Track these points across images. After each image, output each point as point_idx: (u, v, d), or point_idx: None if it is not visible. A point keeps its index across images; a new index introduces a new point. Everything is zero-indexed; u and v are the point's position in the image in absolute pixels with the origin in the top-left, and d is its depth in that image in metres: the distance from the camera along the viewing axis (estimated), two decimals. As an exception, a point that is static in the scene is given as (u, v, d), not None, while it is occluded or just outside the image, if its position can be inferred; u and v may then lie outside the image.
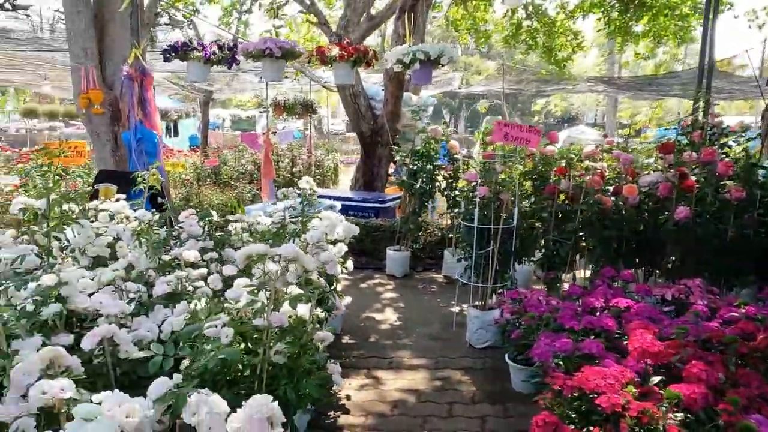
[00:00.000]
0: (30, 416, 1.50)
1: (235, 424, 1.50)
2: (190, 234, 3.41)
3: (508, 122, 3.80)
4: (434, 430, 3.01)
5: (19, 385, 1.51)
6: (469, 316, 4.09)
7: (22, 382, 1.52)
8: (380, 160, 7.85)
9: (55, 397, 1.50)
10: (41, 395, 1.48)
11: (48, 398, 1.49)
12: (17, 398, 1.54)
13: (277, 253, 1.94)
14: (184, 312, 2.19)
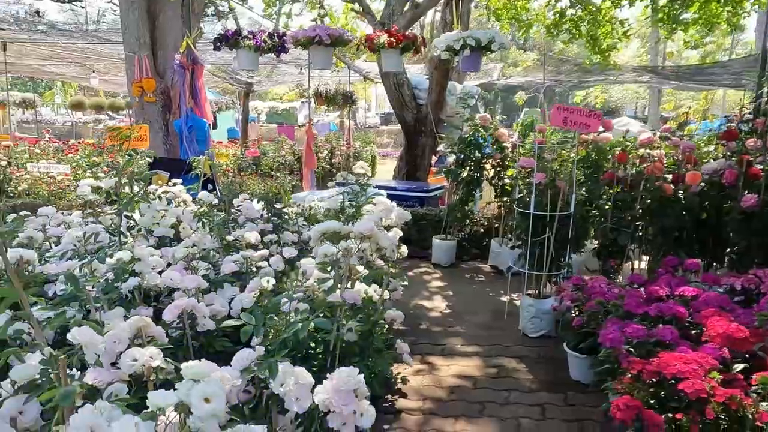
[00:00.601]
0: (122, 382, 1.53)
1: (322, 396, 1.50)
2: (248, 217, 3.45)
3: (567, 106, 3.71)
4: (493, 416, 2.98)
5: (111, 352, 1.54)
6: (523, 304, 4.02)
7: (113, 349, 1.55)
8: (423, 150, 7.80)
9: (144, 364, 1.53)
10: (132, 362, 1.51)
11: (138, 365, 1.51)
12: (108, 365, 1.57)
13: (354, 230, 1.93)
14: (256, 288, 2.21)
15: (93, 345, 1.20)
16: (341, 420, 1.48)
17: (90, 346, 1.16)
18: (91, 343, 1.16)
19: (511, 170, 5.49)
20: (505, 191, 5.56)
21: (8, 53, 9.96)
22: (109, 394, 1.48)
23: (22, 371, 1.30)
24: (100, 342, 1.24)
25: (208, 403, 1.09)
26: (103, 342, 1.26)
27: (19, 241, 2.64)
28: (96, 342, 1.22)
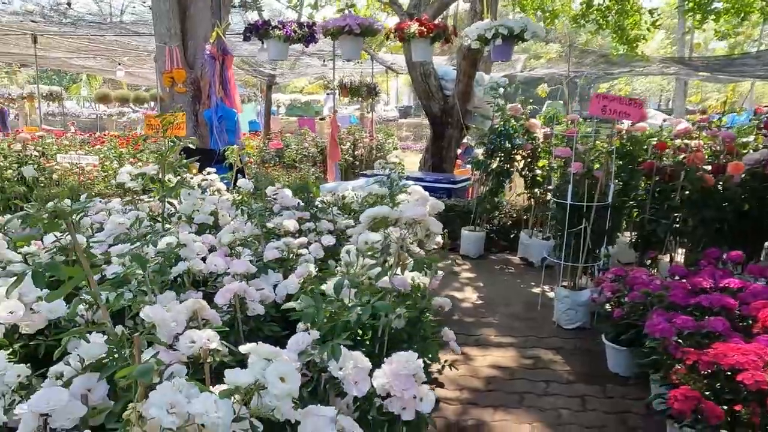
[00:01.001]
0: (180, 364, 1.54)
1: (381, 380, 1.49)
2: (284, 205, 3.45)
3: (606, 94, 3.64)
4: (532, 407, 2.95)
5: (169, 334, 1.54)
6: (558, 296, 3.98)
7: (171, 331, 1.55)
8: (449, 141, 7.74)
9: (202, 346, 1.53)
10: (190, 344, 1.51)
11: (196, 347, 1.51)
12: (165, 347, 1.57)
13: (406, 215, 1.91)
14: (303, 274, 2.21)
15: (165, 324, 1.20)
16: (401, 404, 1.47)
17: (163, 326, 1.16)
18: (164, 323, 1.16)
19: (543, 161, 5.43)
20: (536, 182, 5.50)
21: (38, 46, 10.12)
22: (169, 374, 1.48)
23: (90, 349, 1.31)
24: (171, 321, 1.24)
25: (284, 383, 1.08)
26: (173, 322, 1.27)
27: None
28: (168, 321, 1.23)
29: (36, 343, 1.85)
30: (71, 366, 1.35)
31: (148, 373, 1.03)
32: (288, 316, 2.24)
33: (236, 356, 1.77)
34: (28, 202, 4.60)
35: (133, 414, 1.03)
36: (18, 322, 1.85)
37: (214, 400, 1.00)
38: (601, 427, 2.76)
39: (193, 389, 1.06)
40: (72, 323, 1.98)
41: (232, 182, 4.69)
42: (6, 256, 2.39)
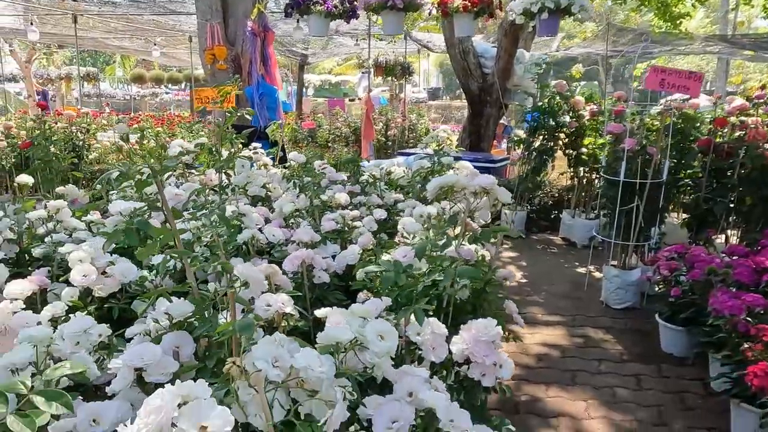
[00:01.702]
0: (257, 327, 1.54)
1: (460, 346, 1.47)
2: (331, 180, 3.44)
3: (664, 67, 3.51)
4: (586, 384, 2.91)
5: (259, 291, 1.53)
6: (607, 275, 3.90)
7: (246, 295, 1.55)
8: (488, 120, 7.61)
9: (278, 310, 1.53)
10: (266, 308, 1.51)
11: (272, 311, 1.51)
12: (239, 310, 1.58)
13: (475, 184, 1.88)
14: (366, 244, 2.20)
15: (258, 282, 1.19)
16: (481, 370, 1.45)
17: (255, 283, 1.15)
18: (257, 280, 1.16)
19: (589, 139, 5.31)
20: (581, 161, 5.39)
21: (77, 26, 10.25)
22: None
23: (179, 308, 1.32)
24: (262, 278, 1.24)
25: (383, 341, 1.07)
26: (264, 280, 1.26)
27: (123, 194, 2.71)
28: (260, 279, 1.22)
29: (109, 305, 1.88)
30: (159, 324, 1.36)
31: (249, 327, 1.02)
32: (348, 286, 2.25)
33: (307, 321, 1.78)
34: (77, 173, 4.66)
35: (234, 368, 1.03)
36: (91, 285, 1.89)
37: (316, 356, 0.99)
38: (659, 406, 2.70)
39: (293, 344, 1.05)
40: (141, 288, 2.01)
41: (277, 158, 4.71)
42: (71, 224, 2.44)
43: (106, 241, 1.22)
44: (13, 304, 1.56)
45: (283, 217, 2.56)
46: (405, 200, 3.30)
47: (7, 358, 1.18)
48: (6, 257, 2.32)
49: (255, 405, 1.00)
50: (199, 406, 0.82)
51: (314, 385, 1.00)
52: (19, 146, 5.60)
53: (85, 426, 1.09)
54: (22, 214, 2.57)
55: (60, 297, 1.92)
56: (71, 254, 1.96)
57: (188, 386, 0.85)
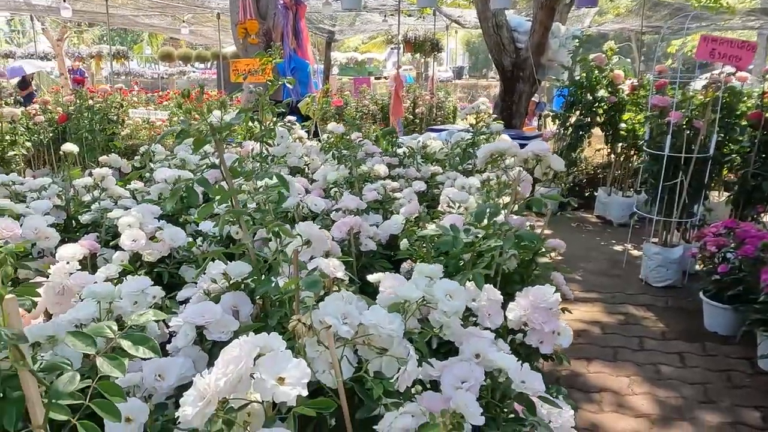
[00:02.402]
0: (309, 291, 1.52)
1: (517, 312, 1.44)
2: (368, 152, 3.40)
3: (715, 36, 3.37)
4: (628, 361, 2.86)
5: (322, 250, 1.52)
6: (647, 252, 3.81)
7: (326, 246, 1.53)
8: (520, 97, 7.47)
9: (330, 275, 1.52)
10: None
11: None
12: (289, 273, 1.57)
13: (528, 150, 1.83)
14: (413, 212, 2.17)
15: (321, 240, 1.17)
16: (539, 337, 1.41)
17: (318, 241, 1.14)
18: (320, 239, 1.14)
19: (628, 114, 5.16)
20: (619, 137, 5.25)
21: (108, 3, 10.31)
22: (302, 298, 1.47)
23: (238, 268, 1.31)
24: (324, 237, 1.22)
25: (452, 300, 1.04)
26: (328, 238, 1.24)
27: (174, 162, 2.72)
28: (321, 237, 1.20)
29: (158, 270, 1.89)
30: (217, 284, 1.36)
31: (316, 284, 1.01)
32: (391, 256, 2.22)
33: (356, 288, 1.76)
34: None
35: (300, 326, 1.02)
36: (141, 250, 1.90)
37: (385, 313, 0.97)
38: (705, 383, 2.64)
39: (361, 302, 1.03)
40: (189, 254, 2.02)
41: (311, 132, 4.69)
42: (116, 191, 2.46)
43: (169, 197, 1.21)
44: (70, 264, 1.58)
45: (326, 186, 2.54)
46: (443, 173, 3.26)
47: (72, 314, 1.19)
48: (54, 223, 2.35)
49: (322, 362, 0.99)
50: (275, 357, 0.81)
51: (384, 343, 0.98)
52: (56, 120, 5.68)
53: (151, 380, 1.10)
54: (67, 182, 2.60)
55: (109, 262, 1.94)
56: (120, 219, 1.98)
57: (264, 338, 0.84)
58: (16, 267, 1.89)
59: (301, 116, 4.98)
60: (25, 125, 5.20)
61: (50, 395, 0.70)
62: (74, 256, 1.89)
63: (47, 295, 1.51)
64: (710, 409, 2.44)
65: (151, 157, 3.20)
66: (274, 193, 1.73)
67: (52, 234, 1.97)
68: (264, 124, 2.67)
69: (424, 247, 2.07)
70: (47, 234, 1.96)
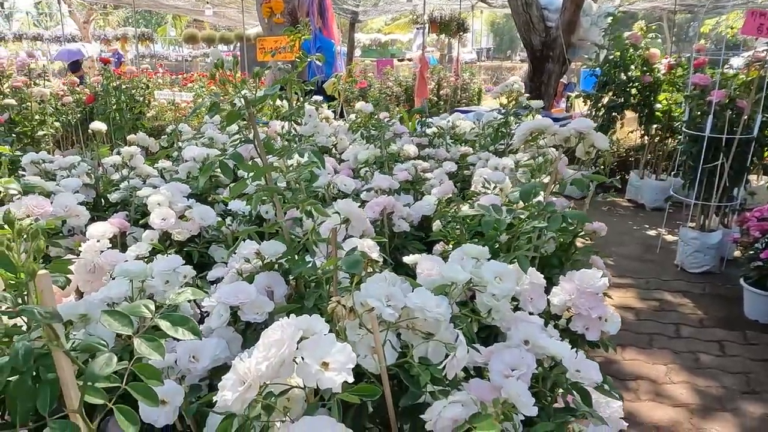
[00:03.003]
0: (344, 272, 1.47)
1: (562, 297, 1.38)
2: (396, 132, 3.33)
3: (764, 11, 3.19)
4: (665, 348, 2.77)
5: (361, 229, 1.46)
6: (684, 237, 3.68)
7: (365, 226, 1.48)
8: (549, 77, 7.27)
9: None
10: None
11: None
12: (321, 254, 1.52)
13: (570, 128, 1.74)
14: (447, 191, 2.11)
15: (359, 219, 1.12)
16: (584, 323, 1.35)
17: (357, 220, 1.08)
18: (359, 217, 1.08)
19: (664, 94, 4.98)
20: (653, 118, 5.07)
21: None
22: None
23: (272, 247, 1.27)
24: (364, 216, 1.16)
25: (502, 282, 0.98)
26: (366, 217, 1.19)
27: (202, 141, 2.69)
28: (361, 215, 1.15)
29: (188, 250, 1.86)
30: (250, 263, 1.32)
31: (358, 264, 0.95)
32: (422, 237, 2.16)
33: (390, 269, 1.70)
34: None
35: (339, 308, 0.97)
36: (170, 229, 1.87)
37: (432, 296, 0.92)
38: (747, 373, 2.55)
39: (405, 284, 0.98)
40: (218, 233, 1.99)
41: (338, 113, 4.62)
42: (145, 170, 2.44)
43: (202, 172, 1.17)
44: (100, 242, 1.55)
45: (356, 166, 2.48)
46: (474, 153, 3.18)
47: (104, 292, 1.16)
48: (84, 201, 2.34)
49: (364, 346, 0.94)
50: (319, 341, 0.76)
51: (430, 327, 0.92)
52: (84, 101, 5.71)
53: (185, 362, 1.06)
54: (96, 161, 2.59)
55: (139, 240, 1.92)
56: (150, 198, 1.95)
57: (307, 320, 0.79)
58: (47, 245, 1.89)
59: (326, 96, 4.90)
60: (53, 106, 5.25)
61: (86, 377, 0.66)
62: (104, 234, 1.87)
63: (78, 272, 1.48)
64: (753, 400, 2.35)
65: (178, 137, 3.18)
66: (306, 172, 1.68)
67: (83, 212, 1.96)
68: (292, 102, 2.62)
69: (457, 229, 2.01)
70: (77, 212, 1.95)
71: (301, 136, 2.89)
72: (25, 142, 3.91)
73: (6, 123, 3.60)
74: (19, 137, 3.90)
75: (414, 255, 1.48)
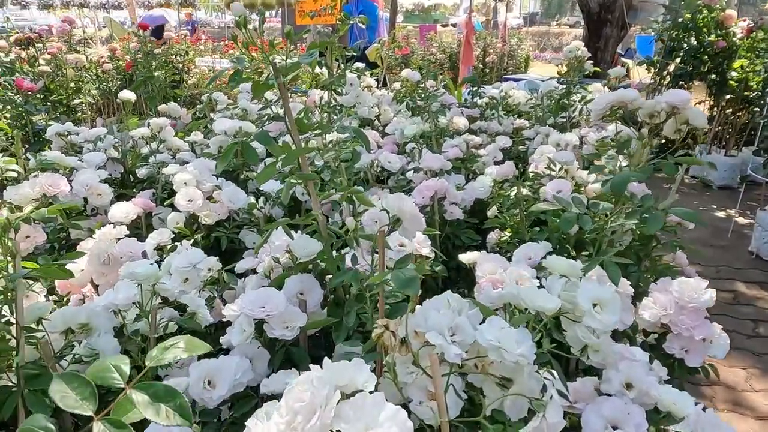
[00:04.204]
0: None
1: (654, 311, 1.14)
2: (444, 103, 3.06)
3: None
4: (742, 349, 2.47)
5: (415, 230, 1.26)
6: (761, 221, 3.32)
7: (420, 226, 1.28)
8: (606, 42, 6.79)
9: (414, 251, 1.25)
10: (399, 248, 1.23)
11: (406, 253, 1.23)
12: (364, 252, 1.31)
13: (662, 102, 1.46)
14: (507, 173, 1.86)
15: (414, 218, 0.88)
16: (683, 345, 1.10)
17: (411, 220, 0.85)
18: (412, 216, 0.86)
19: (741, 61, 4.50)
20: (727, 87, 4.61)
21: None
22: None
23: (306, 245, 1.06)
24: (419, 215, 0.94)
25: (602, 312, 0.74)
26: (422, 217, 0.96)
27: (235, 112, 2.50)
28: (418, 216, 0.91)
29: (217, 235, 1.69)
30: (279, 262, 1.12)
31: (412, 283, 0.73)
32: (477, 224, 1.93)
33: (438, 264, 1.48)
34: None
35: (388, 335, 0.75)
36: (197, 211, 1.70)
37: (510, 330, 0.69)
38: (842, 382, 2.24)
39: (473, 309, 0.75)
40: (249, 216, 1.81)
41: (380, 80, 4.36)
42: (174, 143, 2.27)
43: (221, 157, 0.97)
44: (117, 229, 1.38)
45: (403, 140, 2.25)
46: (530, 127, 2.89)
47: (109, 297, 0.98)
48: (111, 177, 2.19)
49: (419, 389, 0.73)
50: (363, 405, 0.55)
51: (507, 371, 0.70)
52: (124, 68, 5.60)
53: (199, 389, 0.88)
54: (126, 132, 2.43)
55: (165, 222, 1.75)
56: (176, 176, 1.78)
57: (346, 370, 0.58)
58: (67, 227, 1.74)
59: (368, 64, 4.64)
60: (94, 73, 5.16)
61: None
62: (127, 215, 1.71)
63: (91, 264, 1.32)
64: None
65: (213, 107, 3.00)
66: (346, 150, 1.46)
67: (105, 190, 1.80)
68: (332, 69, 2.38)
69: (516, 215, 1.77)
70: (99, 190, 1.79)
71: (341, 106, 2.66)
72: (61, 111, 3.82)
73: (41, 91, 3.49)
74: (55, 106, 3.81)
75: (471, 253, 1.26)
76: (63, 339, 0.98)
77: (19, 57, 4.25)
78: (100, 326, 0.94)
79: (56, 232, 1.76)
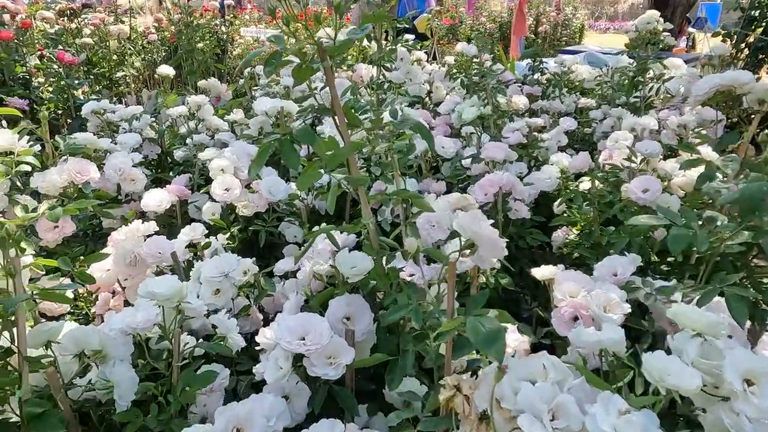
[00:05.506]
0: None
1: None
2: (501, 80, 2.81)
3: None
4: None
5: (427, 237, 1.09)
6: None
7: (428, 235, 1.10)
8: (674, 10, 6.31)
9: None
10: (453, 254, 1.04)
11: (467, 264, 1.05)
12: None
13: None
14: (583, 165, 1.64)
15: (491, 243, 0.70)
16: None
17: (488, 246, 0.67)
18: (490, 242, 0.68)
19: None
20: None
21: None
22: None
23: (355, 262, 0.87)
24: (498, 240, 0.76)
25: (758, 393, 0.54)
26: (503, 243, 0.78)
27: (277, 90, 2.35)
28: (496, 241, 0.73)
29: (255, 228, 1.55)
30: (321, 277, 0.96)
31: (497, 341, 0.55)
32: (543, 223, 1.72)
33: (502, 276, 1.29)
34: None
35: (460, 400, 0.59)
36: (235, 201, 1.56)
37: (644, 416, 0.51)
38: None
39: (578, 379, 0.57)
40: (290, 207, 1.66)
41: (431, 54, 4.13)
42: (213, 123, 2.13)
43: (254, 161, 0.80)
44: (145, 226, 1.25)
45: (460, 124, 2.04)
46: (598, 107, 2.63)
47: (126, 318, 0.85)
48: (147, 159, 2.08)
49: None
50: None
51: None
52: (168, 39, 5.52)
53: (226, 440, 0.73)
54: (165, 110, 2.31)
55: (201, 211, 1.62)
56: (212, 162, 1.64)
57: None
58: (99, 215, 1.63)
59: (418, 36, 4.39)
60: (139, 44, 5.10)
61: None
62: (161, 204, 1.59)
63: (117, 264, 1.20)
64: None
65: (256, 82, 2.86)
66: (401, 143, 1.27)
67: (138, 176, 1.67)
68: (380, 43, 2.18)
69: (588, 212, 1.55)
70: (132, 175, 1.67)
71: (390, 83, 2.46)
72: (104, 84, 3.75)
73: (83, 63, 3.42)
74: (97, 79, 3.74)
75: (546, 267, 1.07)
76: (77, 362, 0.85)
77: (65, 29, 4.20)
78: (114, 354, 0.81)
79: (87, 219, 1.65)
